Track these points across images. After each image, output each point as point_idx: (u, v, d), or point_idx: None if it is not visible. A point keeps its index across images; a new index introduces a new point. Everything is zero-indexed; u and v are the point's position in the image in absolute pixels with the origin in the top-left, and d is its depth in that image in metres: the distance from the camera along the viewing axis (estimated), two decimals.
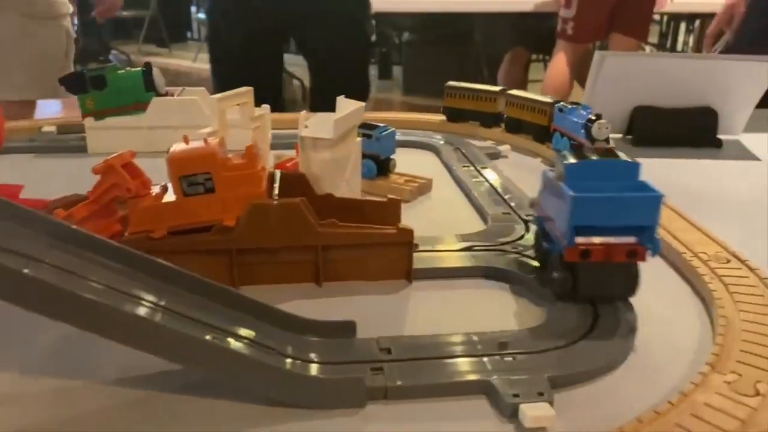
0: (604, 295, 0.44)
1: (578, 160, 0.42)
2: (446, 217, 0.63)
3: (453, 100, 0.92)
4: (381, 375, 0.37)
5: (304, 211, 0.46)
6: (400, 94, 4.10)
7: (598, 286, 0.43)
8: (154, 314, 0.34)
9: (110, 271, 0.37)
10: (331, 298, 0.47)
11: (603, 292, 0.43)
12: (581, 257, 0.40)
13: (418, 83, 3.79)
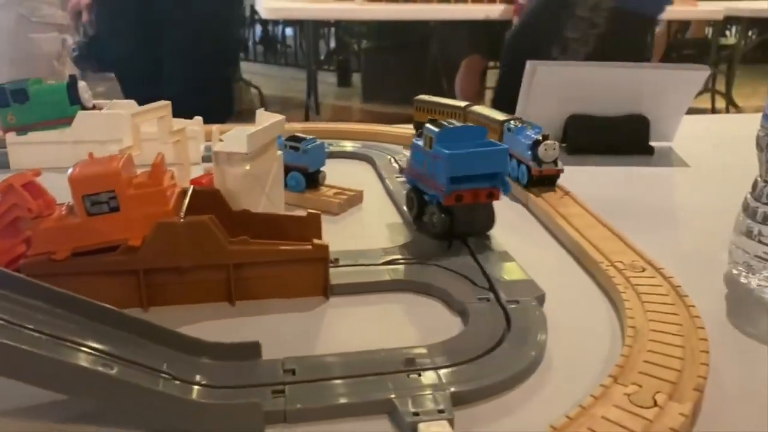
0: (472, 231, 0.57)
1: (441, 129, 0.55)
2: (373, 230, 0.62)
3: (421, 114, 0.88)
4: (282, 398, 0.36)
5: (213, 228, 0.45)
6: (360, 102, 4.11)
7: (468, 224, 0.56)
8: (34, 342, 0.33)
9: None
10: (243, 318, 0.46)
11: (472, 229, 0.56)
12: (456, 201, 0.53)
13: (377, 91, 3.80)
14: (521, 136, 0.68)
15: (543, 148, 0.65)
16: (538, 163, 0.66)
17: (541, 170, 0.66)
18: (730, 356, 0.43)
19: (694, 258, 0.58)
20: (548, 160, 0.66)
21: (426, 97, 0.88)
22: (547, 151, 0.65)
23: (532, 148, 0.66)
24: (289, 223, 0.51)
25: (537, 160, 0.66)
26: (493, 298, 0.47)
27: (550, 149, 0.65)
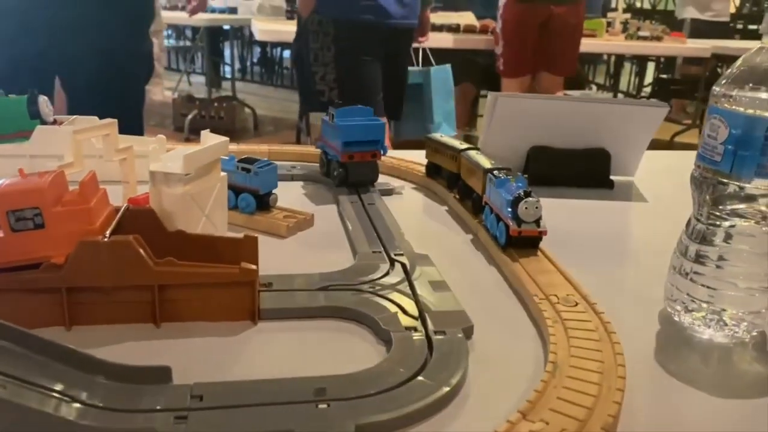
0: (363, 181, 0.78)
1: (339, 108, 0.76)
2: (317, 255, 0.62)
3: (431, 154, 0.84)
4: (183, 424, 0.35)
5: (137, 248, 0.45)
6: None
7: (360, 175, 0.78)
8: None
9: None
10: (167, 340, 0.46)
11: (362, 179, 0.78)
12: (349, 159, 0.76)
13: None
14: (503, 190, 0.60)
15: (523, 206, 0.57)
16: (517, 223, 0.58)
17: (520, 230, 0.58)
18: (650, 395, 0.42)
19: (634, 294, 0.58)
20: (529, 219, 0.58)
21: (435, 136, 0.84)
22: (528, 209, 0.58)
23: (512, 204, 0.58)
24: (224, 245, 0.51)
25: (516, 219, 0.58)
26: (421, 327, 0.47)
27: (532, 207, 0.58)
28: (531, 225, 0.58)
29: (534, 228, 0.58)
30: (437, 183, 0.82)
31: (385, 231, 0.66)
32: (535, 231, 0.59)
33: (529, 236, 0.59)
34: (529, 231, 0.58)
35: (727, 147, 0.46)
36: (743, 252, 0.48)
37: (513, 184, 0.60)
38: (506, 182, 0.61)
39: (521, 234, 0.58)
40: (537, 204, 0.58)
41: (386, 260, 0.59)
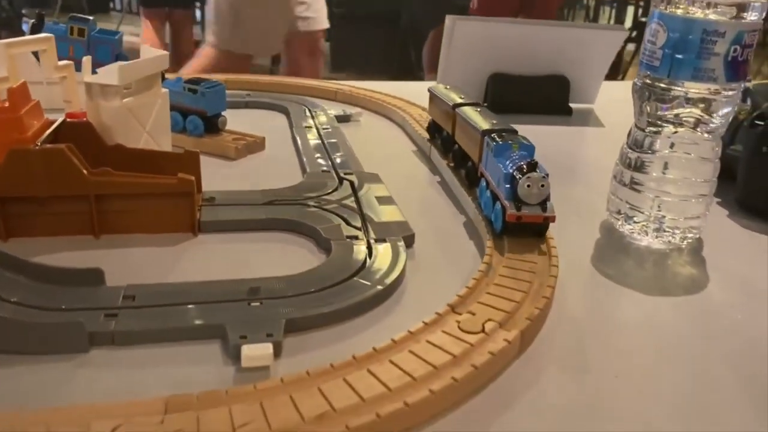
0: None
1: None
2: (267, 174, 0.62)
3: (432, 109, 0.69)
4: (112, 321, 0.35)
5: (70, 157, 0.44)
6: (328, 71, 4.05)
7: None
8: None
9: None
10: (106, 250, 0.45)
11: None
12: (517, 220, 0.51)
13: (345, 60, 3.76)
14: (501, 159, 0.47)
15: (525, 182, 0.44)
16: (516, 205, 0.45)
17: (520, 215, 0.44)
18: (583, 295, 0.43)
19: (579, 208, 0.58)
20: (532, 201, 0.44)
21: (437, 87, 0.68)
22: (530, 188, 0.44)
23: (510, 180, 0.45)
24: (165, 160, 0.50)
25: (515, 199, 0.45)
26: (363, 236, 0.47)
27: (536, 185, 0.44)
28: (534, 208, 0.44)
29: (538, 212, 0.44)
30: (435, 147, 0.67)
31: (337, 153, 0.65)
32: (540, 216, 0.44)
33: (530, 223, 0.45)
34: (531, 216, 0.44)
35: (666, 51, 0.46)
36: (681, 159, 0.48)
37: (516, 152, 0.47)
38: (507, 149, 0.47)
39: (520, 220, 0.44)
40: (543, 181, 0.44)
41: (335, 178, 0.58)
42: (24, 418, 0.27)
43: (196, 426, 0.27)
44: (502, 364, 0.34)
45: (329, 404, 0.29)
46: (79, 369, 0.33)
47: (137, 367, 0.34)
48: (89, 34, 0.76)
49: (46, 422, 0.27)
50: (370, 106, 0.87)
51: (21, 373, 0.32)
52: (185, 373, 0.33)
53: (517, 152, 0.47)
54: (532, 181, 0.44)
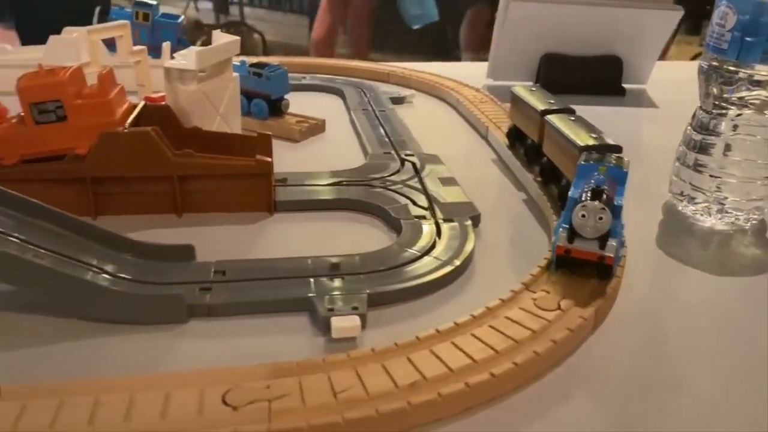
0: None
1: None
2: (331, 156, 0.64)
3: (514, 113, 0.61)
4: (207, 294, 0.38)
5: (156, 139, 0.46)
6: None
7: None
8: None
9: None
10: (189, 228, 0.48)
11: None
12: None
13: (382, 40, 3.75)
14: (581, 181, 0.41)
15: (579, 211, 0.38)
16: (568, 236, 0.38)
17: (569, 248, 0.38)
18: (650, 273, 0.45)
19: (639, 189, 0.58)
20: (587, 234, 0.38)
21: (520, 88, 0.61)
22: (585, 218, 0.37)
23: (572, 207, 0.38)
24: (239, 142, 0.52)
25: (570, 229, 0.38)
26: (430, 216, 0.49)
27: (593, 217, 0.37)
28: (591, 243, 0.38)
29: (593, 248, 0.38)
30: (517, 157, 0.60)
31: (395, 135, 0.67)
32: (593, 254, 0.38)
33: (581, 258, 0.38)
34: (583, 252, 0.38)
35: (735, 34, 0.46)
36: (746, 141, 0.49)
37: (601, 175, 0.40)
38: (592, 170, 0.41)
39: (569, 254, 0.38)
40: (602, 213, 0.37)
41: (396, 159, 0.60)
42: (141, 381, 0.30)
43: (299, 391, 0.30)
44: (579, 340, 0.36)
45: (420, 373, 0.31)
46: (180, 338, 0.36)
47: (232, 337, 0.36)
48: (153, 18, 0.78)
49: (162, 385, 0.30)
50: (422, 87, 0.88)
51: (127, 342, 0.35)
52: (277, 342, 0.36)
53: (603, 175, 0.40)
54: (588, 211, 0.37)
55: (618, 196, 0.39)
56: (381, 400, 0.29)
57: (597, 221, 0.37)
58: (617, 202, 0.38)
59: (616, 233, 0.38)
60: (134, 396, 0.29)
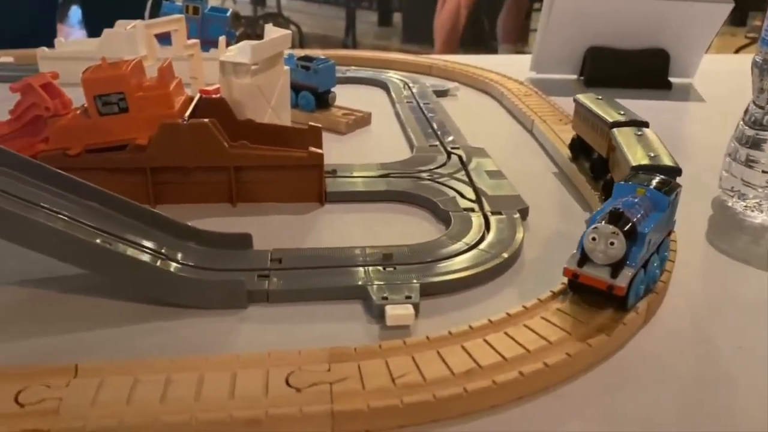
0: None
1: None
2: (377, 148, 0.65)
3: (579, 124, 0.58)
4: (266, 280, 0.39)
5: (214, 131, 0.48)
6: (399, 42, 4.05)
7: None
8: (43, 216, 0.37)
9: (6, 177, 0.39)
10: (243, 217, 0.49)
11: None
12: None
13: (417, 31, 3.74)
14: (610, 203, 0.37)
15: (591, 234, 0.35)
16: (579, 259, 0.36)
17: (577, 272, 0.36)
18: (700, 269, 0.45)
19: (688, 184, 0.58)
20: (598, 260, 0.35)
21: (585, 97, 0.58)
22: (596, 241, 0.35)
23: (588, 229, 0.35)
24: (290, 134, 0.54)
25: (582, 252, 0.36)
26: (478, 209, 0.49)
27: (603, 240, 0.34)
28: (600, 270, 0.35)
29: (603, 276, 0.35)
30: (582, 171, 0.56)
31: (441, 127, 0.68)
32: (602, 282, 0.35)
33: (591, 286, 0.35)
34: (591, 279, 0.35)
35: None
36: None
37: (636, 197, 0.37)
38: (629, 191, 0.38)
39: (577, 278, 0.36)
40: (614, 237, 0.34)
41: (443, 152, 0.61)
42: (209, 362, 0.31)
43: (359, 375, 0.31)
44: (630, 333, 0.36)
45: (474, 361, 0.32)
46: (241, 323, 0.37)
47: (289, 322, 0.37)
48: (203, 12, 0.80)
49: (229, 366, 0.31)
50: (464, 80, 0.89)
51: (192, 325, 0.36)
52: (333, 329, 0.37)
53: (639, 198, 0.37)
54: (599, 235, 0.34)
55: (647, 223, 0.35)
56: (438, 386, 0.30)
57: (608, 246, 0.34)
58: (642, 229, 0.35)
59: (634, 262, 0.34)
60: (203, 375, 0.30)
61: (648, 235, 0.35)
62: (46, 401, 0.29)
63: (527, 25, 3.46)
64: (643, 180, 0.39)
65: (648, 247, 0.36)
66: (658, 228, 0.37)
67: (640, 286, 0.36)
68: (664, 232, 0.39)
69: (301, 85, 0.69)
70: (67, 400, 0.29)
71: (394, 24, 4.48)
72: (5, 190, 0.38)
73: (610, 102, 0.56)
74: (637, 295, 0.37)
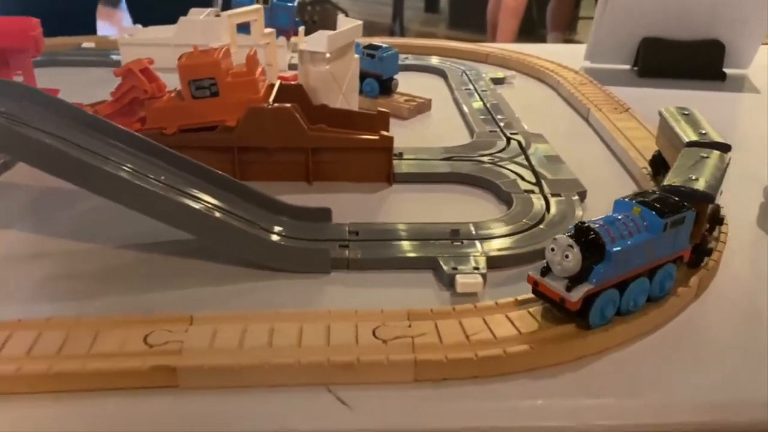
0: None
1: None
2: (438, 133, 0.68)
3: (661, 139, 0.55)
4: (346, 250, 0.43)
5: (296, 115, 0.52)
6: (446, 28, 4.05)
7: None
8: (157, 187, 0.42)
9: (124, 153, 0.44)
10: (318, 194, 0.54)
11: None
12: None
13: (464, 17, 3.73)
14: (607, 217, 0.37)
15: (550, 244, 0.35)
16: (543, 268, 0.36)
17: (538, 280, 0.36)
18: (749, 253, 0.47)
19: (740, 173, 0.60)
20: (557, 272, 0.35)
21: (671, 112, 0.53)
22: (554, 252, 0.34)
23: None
24: (360, 118, 0.58)
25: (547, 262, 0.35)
26: (538, 191, 0.53)
27: (560, 253, 0.34)
28: (558, 283, 0.35)
29: (559, 288, 0.34)
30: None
31: (499, 114, 0.71)
32: (556, 294, 0.35)
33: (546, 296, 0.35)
34: (547, 289, 0.35)
35: None
36: None
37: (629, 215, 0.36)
38: (626, 207, 0.37)
39: (536, 287, 0.36)
40: (569, 251, 0.33)
41: (502, 138, 0.64)
42: (306, 314, 0.36)
43: (436, 332, 0.35)
44: (681, 306, 0.39)
45: (539, 324, 0.36)
46: (326, 286, 0.41)
47: (368, 287, 0.41)
48: (271, 1, 0.85)
49: (324, 319, 0.35)
50: (520, 68, 0.91)
51: (284, 286, 0.41)
52: (408, 294, 0.41)
53: (631, 217, 0.36)
54: (557, 246, 0.34)
55: (624, 243, 0.34)
56: (507, 343, 0.34)
57: (563, 258, 0.34)
58: (612, 248, 0.34)
59: (595, 279, 0.34)
60: (302, 326, 0.35)
61: (620, 254, 0.34)
62: (169, 343, 0.33)
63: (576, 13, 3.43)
64: (648, 199, 0.37)
65: (623, 268, 0.34)
66: (643, 250, 0.35)
67: (608, 307, 0.35)
68: (660, 256, 0.36)
69: (365, 73, 0.73)
70: (188, 343, 0.33)
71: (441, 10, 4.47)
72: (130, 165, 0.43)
73: (694, 119, 0.52)
74: (603, 316, 0.35)
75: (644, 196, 0.38)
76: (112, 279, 0.41)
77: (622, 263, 0.34)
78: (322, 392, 0.32)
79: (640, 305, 0.37)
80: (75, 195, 0.50)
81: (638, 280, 0.36)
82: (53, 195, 0.51)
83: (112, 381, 0.32)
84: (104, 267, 0.43)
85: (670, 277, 0.38)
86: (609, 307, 0.35)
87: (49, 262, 0.43)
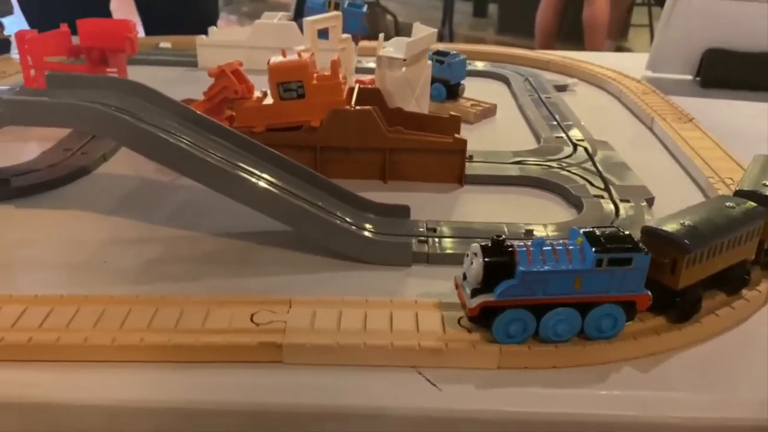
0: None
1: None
2: (504, 137, 0.71)
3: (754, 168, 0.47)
4: (425, 245, 0.46)
5: (376, 117, 0.55)
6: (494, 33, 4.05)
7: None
8: (256, 179, 0.45)
9: (224, 147, 0.48)
10: (394, 192, 0.57)
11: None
12: None
13: (513, 22, 3.73)
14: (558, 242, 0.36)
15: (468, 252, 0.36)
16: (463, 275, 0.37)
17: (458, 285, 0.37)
18: None
19: None
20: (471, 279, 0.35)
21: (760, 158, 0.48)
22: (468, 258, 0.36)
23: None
24: (433, 122, 0.60)
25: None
26: (606, 196, 0.54)
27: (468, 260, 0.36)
28: (468, 288, 0.36)
29: (465, 293, 0.36)
30: None
31: (564, 120, 0.73)
32: (462, 302, 0.36)
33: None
34: (460, 296, 0.37)
35: None
36: None
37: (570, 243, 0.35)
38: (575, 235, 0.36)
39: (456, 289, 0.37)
40: (474, 259, 0.35)
41: (569, 144, 0.66)
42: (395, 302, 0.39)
43: None
44: (752, 309, 0.41)
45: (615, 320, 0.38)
46: (408, 277, 0.44)
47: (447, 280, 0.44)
48: (342, 7, 0.88)
49: (410, 307, 0.38)
50: (581, 76, 0.93)
51: (370, 276, 0.44)
52: None
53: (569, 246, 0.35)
54: (470, 252, 0.35)
55: (542, 266, 0.34)
56: None
57: (470, 267, 0.35)
58: (523, 267, 0.34)
59: (498, 292, 0.34)
60: (392, 312, 0.38)
61: (529, 276, 0.34)
62: (273, 323, 0.37)
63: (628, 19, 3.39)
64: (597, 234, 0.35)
65: (534, 291, 0.34)
66: (567, 280, 0.34)
67: (514, 326, 0.35)
68: (594, 292, 0.35)
69: (434, 78, 0.75)
70: (291, 323, 0.37)
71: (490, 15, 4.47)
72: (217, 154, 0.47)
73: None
74: (509, 334, 0.35)
75: (602, 230, 0.36)
76: (214, 263, 0.45)
77: (533, 286, 0.34)
78: (412, 373, 0.35)
79: (564, 336, 0.35)
80: (169, 187, 0.55)
81: (560, 309, 0.35)
82: (151, 186, 0.55)
83: (223, 354, 0.35)
84: (205, 252, 0.46)
85: (614, 320, 0.35)
86: (516, 326, 0.35)
87: (154, 246, 0.47)
